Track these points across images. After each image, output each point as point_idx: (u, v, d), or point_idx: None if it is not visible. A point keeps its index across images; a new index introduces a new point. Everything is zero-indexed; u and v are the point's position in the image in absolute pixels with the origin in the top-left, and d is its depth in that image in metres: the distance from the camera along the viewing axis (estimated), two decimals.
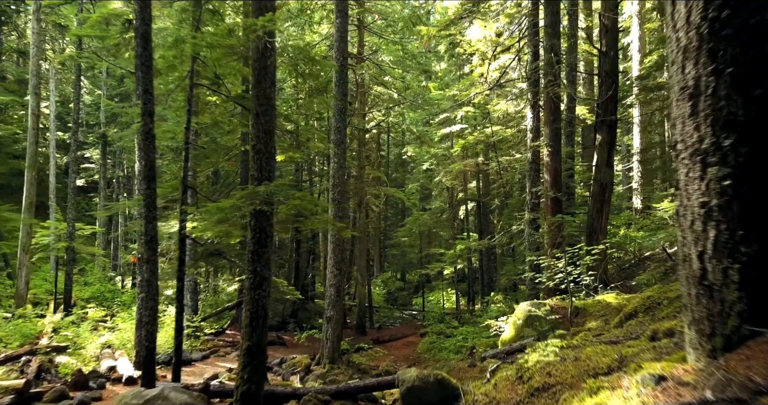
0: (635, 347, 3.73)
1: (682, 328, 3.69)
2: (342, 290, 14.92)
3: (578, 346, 4.42)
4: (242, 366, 6.96)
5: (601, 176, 12.38)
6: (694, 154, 2.78)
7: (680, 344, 3.29)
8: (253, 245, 7.21)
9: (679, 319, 4.12)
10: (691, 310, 2.78)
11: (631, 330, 4.99)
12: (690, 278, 2.79)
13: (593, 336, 5.39)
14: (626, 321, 5.84)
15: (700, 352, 2.70)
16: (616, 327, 5.95)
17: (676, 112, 2.96)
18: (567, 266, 8.36)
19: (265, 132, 7.38)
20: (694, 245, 2.76)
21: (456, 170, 23.99)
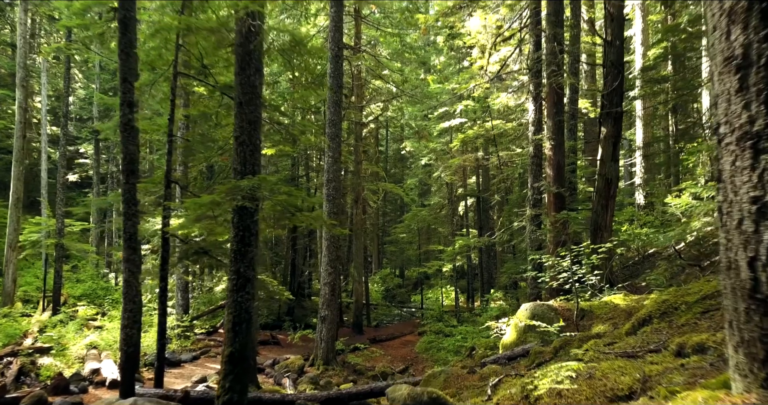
0: (659, 364, 3.24)
1: (716, 344, 3.19)
2: (337, 289, 14.44)
3: (591, 360, 3.92)
4: (224, 374, 6.47)
5: (606, 171, 11.86)
6: (743, 139, 2.27)
7: (717, 365, 2.80)
8: (236, 244, 6.71)
9: (709, 332, 3.62)
10: (739, 329, 2.28)
11: (648, 339, 4.50)
12: (737, 290, 2.29)
13: (604, 344, 4.89)
14: (640, 327, 5.35)
15: (750, 380, 2.21)
16: (629, 334, 5.46)
17: (718, 88, 2.45)
18: (572, 265, 7.87)
19: (249, 122, 6.87)
20: (742, 249, 2.26)
21: (455, 165, 23.48)
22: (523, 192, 21.82)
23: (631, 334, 5.44)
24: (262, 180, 6.44)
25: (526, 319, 8.32)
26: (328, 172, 14.16)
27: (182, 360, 13.76)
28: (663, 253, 15.58)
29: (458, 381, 6.98)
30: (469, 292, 26.69)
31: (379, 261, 38.72)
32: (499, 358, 7.69)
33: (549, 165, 12.53)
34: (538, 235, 12.56)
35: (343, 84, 18.43)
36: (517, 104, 20.34)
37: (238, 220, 6.68)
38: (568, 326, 7.97)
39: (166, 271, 8.86)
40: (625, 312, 7.56)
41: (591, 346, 4.99)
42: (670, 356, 3.38)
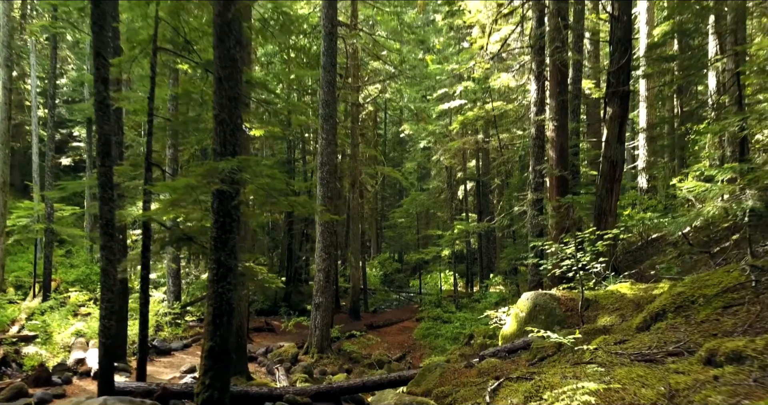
0: (686, 373, 2.78)
1: (757, 353, 2.72)
2: (332, 275, 14.02)
3: (604, 364, 3.46)
4: (203, 370, 6.04)
5: (611, 153, 11.35)
6: None
7: (763, 381, 2.35)
8: (216, 231, 6.23)
9: (737, 333, 3.16)
10: None
11: (665, 338, 4.04)
12: None
13: (615, 342, 4.44)
14: (653, 322, 4.89)
15: None
16: (640, 329, 5.00)
17: None
18: (576, 252, 7.40)
19: (229, 99, 6.35)
20: None
21: (455, 148, 22.93)
22: (524, 176, 21.29)
23: (643, 329, 4.98)
24: (242, 162, 5.93)
25: (527, 310, 7.88)
26: (322, 154, 13.64)
27: (173, 348, 13.39)
28: (667, 238, 15.14)
29: (455, 376, 6.55)
30: (468, 277, 26.31)
31: (377, 245, 38.33)
32: (499, 350, 7.26)
33: (551, 147, 12.01)
34: (539, 221, 12.08)
35: (338, 63, 17.82)
36: (519, 85, 19.72)
37: (218, 206, 6.19)
38: (571, 317, 7.54)
39: (147, 259, 8.39)
40: (633, 302, 7.11)
41: (600, 344, 4.54)
42: (698, 364, 2.92)
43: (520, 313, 8.01)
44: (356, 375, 13.02)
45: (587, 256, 7.87)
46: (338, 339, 15.45)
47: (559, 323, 7.47)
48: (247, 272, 9.11)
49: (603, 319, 6.90)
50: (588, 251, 7.81)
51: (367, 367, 13.59)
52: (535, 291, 8.16)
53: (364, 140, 28.04)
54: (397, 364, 13.99)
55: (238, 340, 10.61)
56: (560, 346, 6.20)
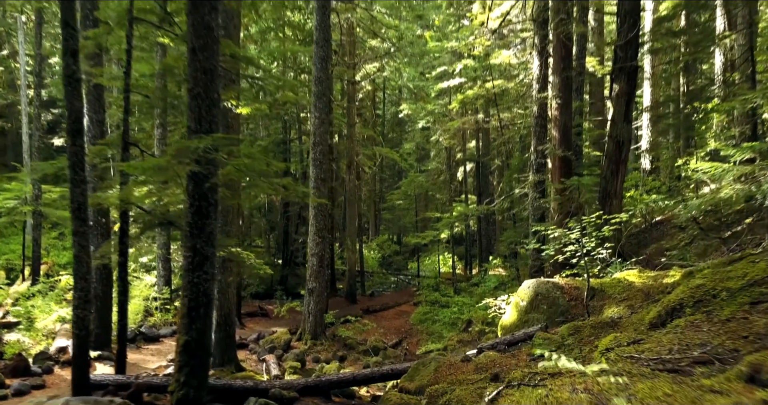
0: (725, 394, 2.31)
1: None
2: (325, 260, 13.56)
3: (620, 373, 2.98)
4: (178, 366, 5.58)
5: (618, 132, 10.79)
6: None
7: None
8: (192, 216, 5.72)
9: None
10: None
11: (686, 339, 3.55)
12: None
13: (628, 342, 3.96)
14: (669, 318, 4.42)
15: None
16: (654, 326, 4.53)
17: None
18: (582, 238, 6.91)
19: (204, 72, 5.78)
20: None
21: (454, 128, 22.32)
22: (525, 156, 20.71)
23: (658, 326, 4.51)
24: (217, 140, 5.40)
25: (529, 299, 7.42)
26: (314, 134, 13.07)
27: (161, 335, 12.98)
28: (672, 221, 14.65)
29: (450, 371, 6.11)
30: (467, 259, 25.89)
31: (376, 227, 37.89)
32: (498, 343, 6.81)
33: (554, 126, 11.45)
34: (541, 203, 11.58)
35: (333, 40, 17.14)
36: (520, 62, 19.05)
37: (193, 188, 5.68)
38: (575, 307, 7.07)
39: (125, 245, 7.90)
40: (642, 292, 6.64)
41: (611, 343, 4.06)
42: (738, 381, 2.44)
43: (521, 302, 7.55)
44: (350, 362, 12.66)
45: (592, 241, 7.39)
46: (333, 324, 15.07)
47: (562, 314, 7.01)
48: (235, 258, 8.64)
49: (610, 309, 6.43)
50: (593, 236, 7.32)
51: (362, 354, 13.22)
52: (536, 279, 7.69)
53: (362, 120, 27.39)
54: (393, 351, 13.62)
55: (227, 328, 10.19)
56: (563, 340, 5.74)
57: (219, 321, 10.13)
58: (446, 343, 12.94)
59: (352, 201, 20.77)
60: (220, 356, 10.11)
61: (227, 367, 10.07)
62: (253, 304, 18.63)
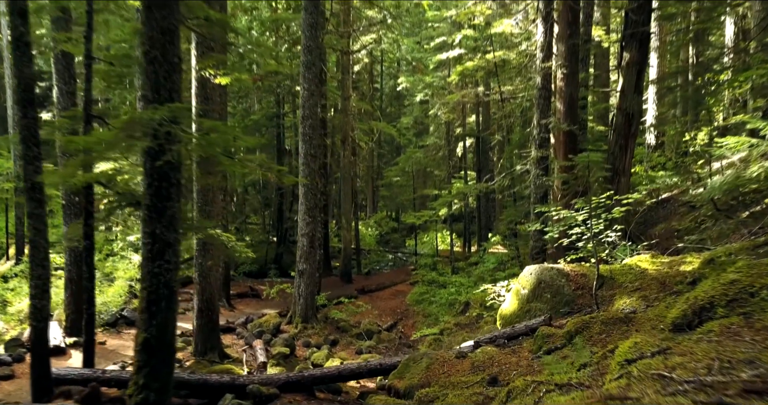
0: None
1: None
2: (316, 240, 12.93)
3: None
4: (137, 367, 4.97)
5: (627, 104, 10.04)
6: None
7: None
8: (150, 198, 5.03)
9: None
10: None
11: (726, 352, 2.91)
12: None
13: (652, 352, 3.31)
14: (697, 319, 3.77)
15: None
16: (679, 328, 3.88)
17: None
18: (591, 220, 6.24)
19: (162, 32, 5.02)
20: None
21: (453, 102, 21.46)
22: (526, 131, 19.92)
23: (684, 328, 3.86)
24: (175, 111, 4.67)
25: (531, 287, 6.78)
26: (304, 107, 12.29)
27: None
28: (680, 198, 13.98)
29: (443, 370, 5.50)
30: (466, 237, 25.26)
31: (374, 204, 37.22)
32: (497, 336, 6.19)
33: (559, 98, 10.68)
34: (543, 181, 10.89)
35: (326, 7, 16.21)
36: (522, 32, 18.10)
37: (152, 167, 4.97)
38: (582, 296, 6.43)
39: (90, 227, 7.25)
40: (657, 281, 6.00)
41: (632, 353, 3.41)
42: None
43: (522, 289, 6.92)
44: (343, 346, 12.13)
45: (600, 223, 6.72)
46: (325, 306, 14.51)
47: (567, 304, 6.39)
48: (213, 241, 7.98)
49: (621, 301, 5.79)
50: (602, 218, 6.65)
51: (355, 338, 12.68)
52: (539, 265, 7.03)
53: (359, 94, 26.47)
54: (387, 334, 13.09)
55: (209, 313, 9.62)
56: (570, 338, 5.12)
57: (201, 306, 9.55)
58: (443, 327, 12.40)
59: (347, 178, 20.05)
60: (202, 344, 9.57)
61: (210, 355, 9.54)
62: (245, 285, 18.07)
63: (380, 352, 11.83)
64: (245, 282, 18.94)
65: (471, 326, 11.89)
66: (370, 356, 10.84)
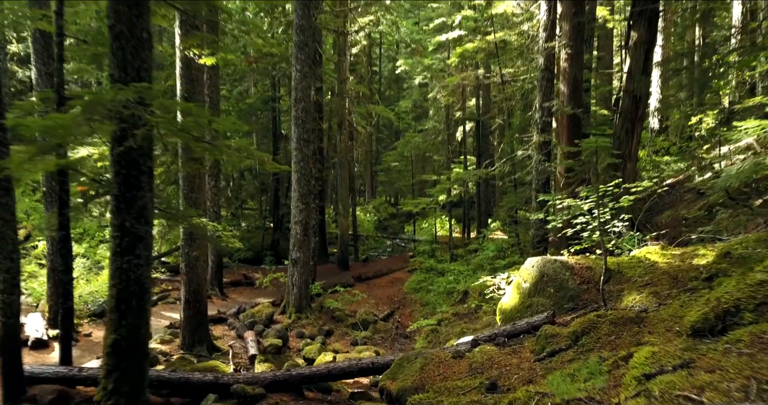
0: None
1: None
2: (310, 227, 12.51)
3: None
4: (106, 371, 4.58)
5: (635, 86, 9.57)
6: None
7: None
8: (118, 186, 4.61)
9: None
10: None
11: (761, 369, 2.51)
12: None
13: (674, 366, 2.91)
14: (721, 325, 3.36)
15: None
16: (699, 334, 3.48)
17: None
18: (598, 209, 5.82)
19: (128, 5, 4.54)
20: None
21: (453, 84, 20.89)
22: (527, 115, 19.41)
23: (705, 333, 3.45)
24: (143, 91, 4.22)
25: (533, 280, 6.38)
26: (296, 89, 11.79)
27: None
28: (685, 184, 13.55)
29: (439, 371, 5.12)
30: (465, 222, 24.86)
31: (372, 190, 36.78)
32: (496, 334, 5.81)
33: (563, 80, 10.18)
34: (545, 167, 10.43)
35: None
36: (524, 11, 17.49)
37: (119, 153, 4.54)
38: (588, 291, 6.03)
39: (65, 216, 6.82)
40: (668, 275, 5.59)
41: (649, 365, 3.01)
42: None
43: (524, 283, 6.52)
44: (337, 337, 11.80)
45: (607, 212, 6.29)
46: (320, 295, 14.16)
47: (571, 299, 5.99)
48: (198, 230, 7.56)
49: (630, 297, 5.39)
50: (609, 207, 6.22)
51: (350, 328, 12.34)
52: (542, 257, 6.62)
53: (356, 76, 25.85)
54: (384, 324, 12.75)
55: (196, 305, 9.24)
56: (576, 339, 4.73)
57: (188, 298, 9.17)
58: (440, 317, 12.06)
59: (344, 163, 19.58)
60: (189, 336, 9.21)
61: (198, 348, 9.18)
62: (239, 272, 17.70)
63: (376, 343, 11.51)
64: (240, 269, 18.58)
65: (469, 316, 11.54)
66: (365, 348, 10.51)
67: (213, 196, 14.15)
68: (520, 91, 19.43)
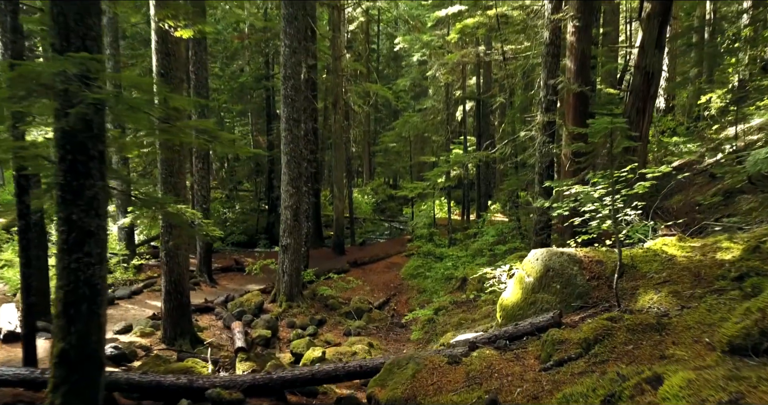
0: None
1: None
2: (301, 212, 11.92)
3: None
4: (53, 384, 4.02)
5: (647, 61, 8.89)
6: None
7: None
8: (63, 175, 4.00)
9: None
10: None
11: None
12: None
13: (721, 400, 2.35)
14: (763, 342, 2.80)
15: None
16: (739, 351, 2.92)
17: None
18: (614, 197, 5.23)
19: None
20: None
21: (453, 62, 20.08)
22: (530, 94, 18.68)
23: (744, 351, 2.90)
24: (87, 63, 3.58)
25: (537, 275, 5.81)
26: (285, 66, 11.09)
27: (117, 297, 11.53)
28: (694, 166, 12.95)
29: (432, 380, 4.58)
30: (465, 204, 24.27)
31: (370, 171, 36.08)
32: (497, 336, 5.26)
33: (570, 55, 9.49)
34: (550, 149, 9.81)
35: None
36: None
37: (63, 136, 3.92)
38: (598, 288, 5.47)
39: (25, 204, 6.22)
40: (689, 271, 5.02)
41: (685, 398, 2.45)
42: None
43: (527, 277, 5.95)
44: (330, 326, 11.30)
45: (618, 199, 5.69)
46: (313, 282, 13.64)
47: (580, 297, 5.43)
48: (173, 219, 6.97)
49: (647, 296, 4.83)
50: (621, 194, 5.62)
51: (343, 317, 11.85)
52: (547, 249, 6.04)
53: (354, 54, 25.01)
54: (379, 313, 12.26)
55: (178, 296, 8.69)
56: (588, 347, 4.17)
57: (168, 289, 8.63)
58: (437, 306, 11.56)
59: (339, 144, 18.92)
60: (171, 329, 8.69)
61: (180, 342, 8.67)
62: (231, 257, 17.17)
63: (370, 333, 11.02)
64: (232, 254, 18.04)
65: (468, 305, 11.01)
66: (358, 339, 10.02)
67: (200, 179, 13.55)
68: (522, 69, 18.68)
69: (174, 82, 8.20)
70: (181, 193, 8.44)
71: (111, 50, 13.14)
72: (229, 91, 21.00)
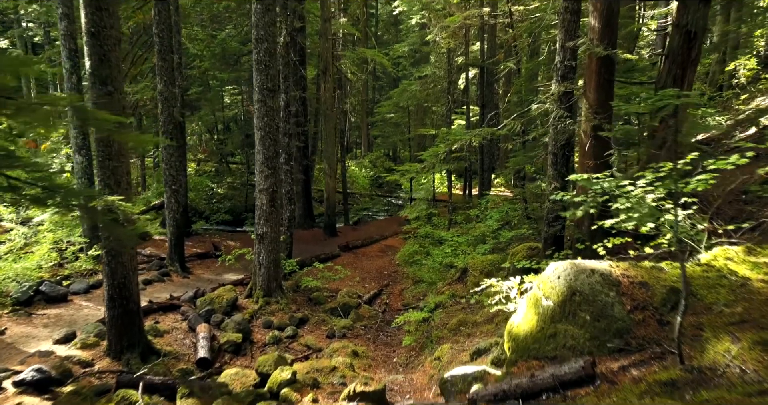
0: None
1: None
2: (279, 197, 10.48)
3: None
4: None
5: (689, 18, 7.27)
6: None
7: None
8: None
9: None
10: None
11: None
12: None
13: None
14: None
15: None
16: None
17: None
18: (676, 201, 3.78)
19: None
20: None
21: (454, 25, 18.28)
22: (539, 60, 16.97)
23: None
24: None
25: (559, 299, 4.39)
26: (257, 27, 9.47)
27: (72, 291, 10.18)
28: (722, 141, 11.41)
29: None
30: (467, 179, 22.74)
31: (368, 142, 34.43)
32: (505, 392, 3.86)
33: (594, 11, 7.84)
34: (566, 125, 8.27)
35: None
36: None
37: None
38: (645, 324, 4.06)
39: None
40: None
41: None
42: None
43: (545, 300, 4.53)
44: (313, 326, 9.98)
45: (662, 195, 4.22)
46: (295, 272, 12.29)
47: (619, 334, 4.01)
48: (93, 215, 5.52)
49: (719, 345, 3.41)
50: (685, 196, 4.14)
51: (328, 314, 10.54)
52: (571, 263, 4.58)
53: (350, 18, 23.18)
54: (369, 309, 10.95)
55: (122, 301, 7.31)
56: None
57: (111, 294, 7.25)
58: (435, 301, 10.25)
59: (329, 115, 17.31)
60: (116, 341, 7.35)
61: (128, 355, 7.35)
62: (210, 241, 15.80)
63: (357, 334, 9.72)
64: (212, 236, 16.65)
65: (468, 302, 9.67)
66: (342, 345, 8.72)
67: (169, 157, 12.06)
68: (529, 32, 16.88)
69: (108, 43, 6.66)
70: (122, 179, 6.98)
71: (63, 9, 11.49)
72: (212, 56, 19.28)
